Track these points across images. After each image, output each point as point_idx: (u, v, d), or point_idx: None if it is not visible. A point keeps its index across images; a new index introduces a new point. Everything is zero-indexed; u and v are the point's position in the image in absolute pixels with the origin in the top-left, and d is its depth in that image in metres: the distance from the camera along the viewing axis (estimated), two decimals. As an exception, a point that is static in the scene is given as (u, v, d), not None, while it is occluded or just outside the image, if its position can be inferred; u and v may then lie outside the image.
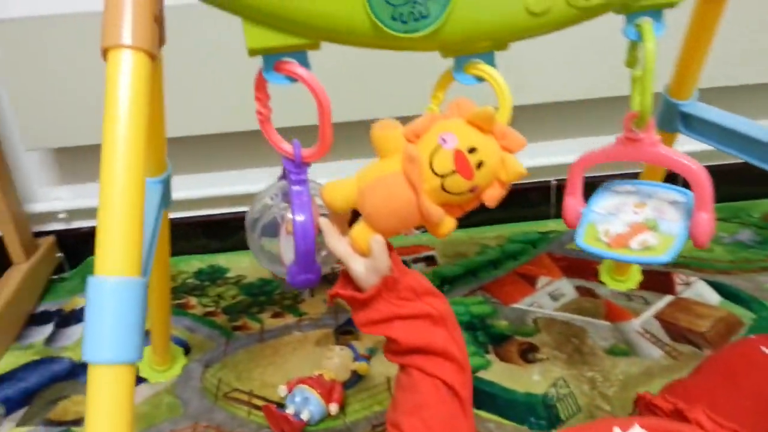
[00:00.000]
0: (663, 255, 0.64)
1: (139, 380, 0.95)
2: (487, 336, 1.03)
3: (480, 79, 0.59)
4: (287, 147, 0.61)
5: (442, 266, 1.23)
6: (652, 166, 0.90)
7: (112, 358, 0.44)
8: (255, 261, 0.71)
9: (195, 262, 1.28)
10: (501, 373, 0.95)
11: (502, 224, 1.36)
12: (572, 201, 0.71)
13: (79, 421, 0.89)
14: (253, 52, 0.53)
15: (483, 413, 0.88)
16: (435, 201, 0.57)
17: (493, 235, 1.32)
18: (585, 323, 1.04)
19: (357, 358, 0.95)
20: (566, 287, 1.14)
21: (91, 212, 0.80)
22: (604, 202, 0.71)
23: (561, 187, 1.33)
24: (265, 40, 0.53)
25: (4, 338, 1.05)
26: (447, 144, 0.55)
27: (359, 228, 0.60)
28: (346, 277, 0.61)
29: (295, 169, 0.61)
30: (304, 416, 0.84)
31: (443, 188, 0.56)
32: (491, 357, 0.98)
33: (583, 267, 1.18)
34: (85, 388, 0.44)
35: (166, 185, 0.76)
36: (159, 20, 0.49)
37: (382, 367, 0.96)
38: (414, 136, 0.57)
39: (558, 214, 1.34)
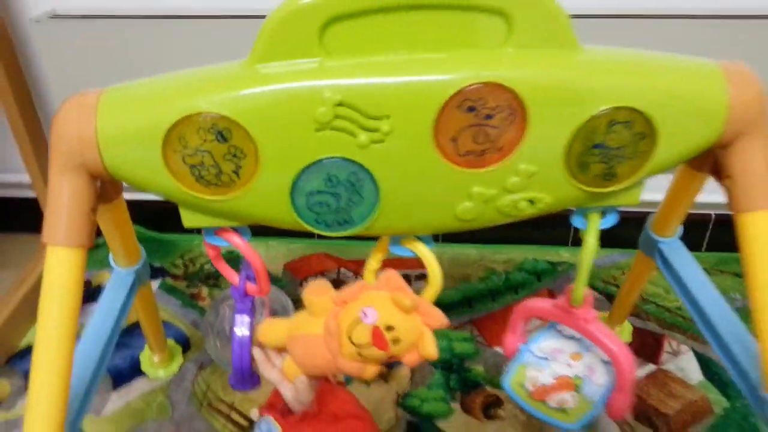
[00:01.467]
0: (573, 422, 0.67)
1: (140, 374, 1.09)
2: (459, 382, 1.09)
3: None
4: (235, 279, 0.67)
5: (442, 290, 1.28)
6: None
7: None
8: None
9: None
10: (457, 426, 1.02)
11: (516, 245, 1.37)
12: (512, 338, 0.74)
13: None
14: (188, 227, 0.58)
15: (430, 465, 0.96)
16: (353, 360, 0.62)
17: (503, 258, 1.34)
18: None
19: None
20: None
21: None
22: (545, 342, 0.74)
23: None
24: (200, 222, 0.57)
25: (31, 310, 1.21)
26: (367, 319, 0.60)
27: (289, 362, 0.66)
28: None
29: (240, 298, 0.68)
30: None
31: (360, 354, 0.61)
32: (455, 405, 1.05)
33: (577, 314, 1.20)
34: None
35: (142, 269, 0.84)
36: (95, 210, 0.55)
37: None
38: (341, 303, 0.62)
39: (574, 242, 1.35)
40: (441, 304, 1.23)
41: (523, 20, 0.50)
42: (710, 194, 1.28)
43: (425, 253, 0.62)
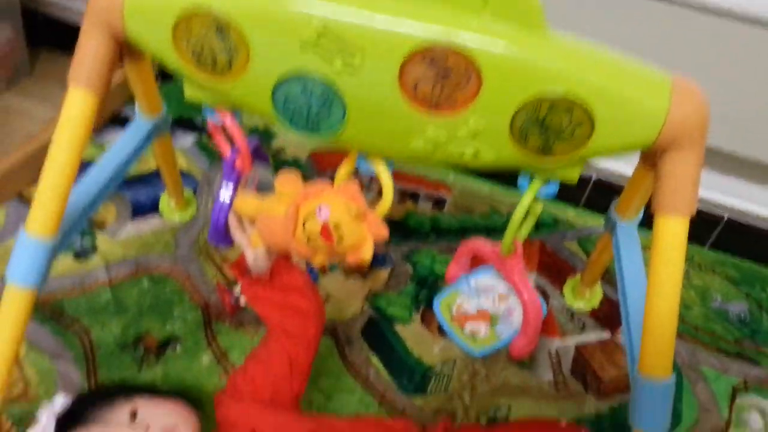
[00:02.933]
0: (477, 349, 0.78)
1: (157, 213, 1.25)
2: (427, 297, 1.20)
3: (377, 171, 0.72)
4: (228, 152, 0.79)
5: (443, 214, 1.37)
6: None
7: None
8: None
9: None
10: (412, 334, 1.14)
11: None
12: (454, 267, 0.84)
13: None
14: (188, 100, 0.69)
15: (374, 358, 1.10)
16: (303, 246, 0.74)
17: (510, 201, 1.41)
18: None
19: (310, 270, 1.18)
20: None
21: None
22: (482, 278, 0.83)
23: (598, 182, 1.37)
24: (199, 97, 0.68)
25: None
26: (321, 214, 0.71)
27: (255, 233, 0.79)
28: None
29: (228, 170, 0.79)
30: (242, 302, 1.10)
31: (309, 241, 0.73)
32: (416, 316, 1.17)
33: (559, 271, 1.28)
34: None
35: (161, 122, 0.95)
36: (114, 64, 0.66)
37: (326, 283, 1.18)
38: (304, 197, 0.73)
39: (585, 206, 1.40)
40: (438, 228, 1.33)
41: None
42: (726, 196, 1.31)
43: (383, 172, 0.71)
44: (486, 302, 0.80)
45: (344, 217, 0.70)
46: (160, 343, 1.06)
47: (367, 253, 0.72)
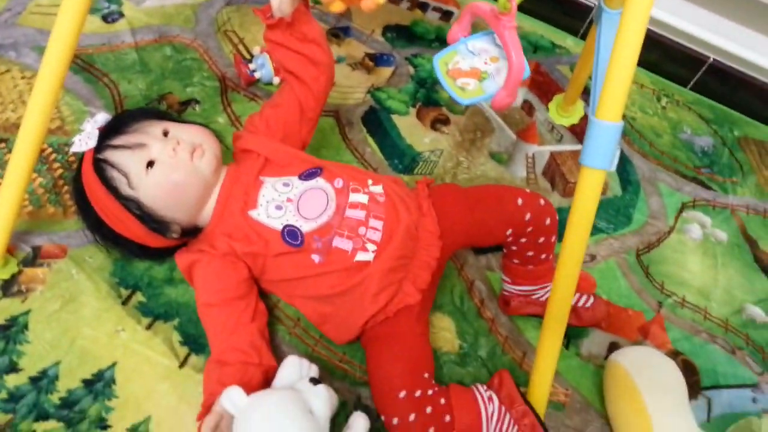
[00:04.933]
0: (462, 98, 0.88)
1: None
2: (425, 97, 1.31)
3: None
4: None
5: (448, 25, 1.45)
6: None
7: None
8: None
9: None
10: (407, 125, 1.26)
11: (530, 17, 1.51)
12: (456, 28, 0.93)
13: None
14: None
15: (371, 139, 1.22)
16: None
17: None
18: (498, 126, 1.31)
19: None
20: (518, 97, 1.37)
21: None
22: (479, 42, 0.92)
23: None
24: None
25: None
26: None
27: None
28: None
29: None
30: (257, 75, 1.21)
31: None
32: (412, 111, 1.29)
33: (548, 89, 1.38)
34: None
35: None
36: None
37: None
38: None
39: (583, 37, 1.48)
40: (442, 38, 1.42)
41: None
42: (714, 35, 1.38)
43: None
44: (478, 62, 0.90)
45: None
46: (181, 102, 1.18)
47: None
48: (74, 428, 0.83)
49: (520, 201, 0.95)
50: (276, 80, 1.22)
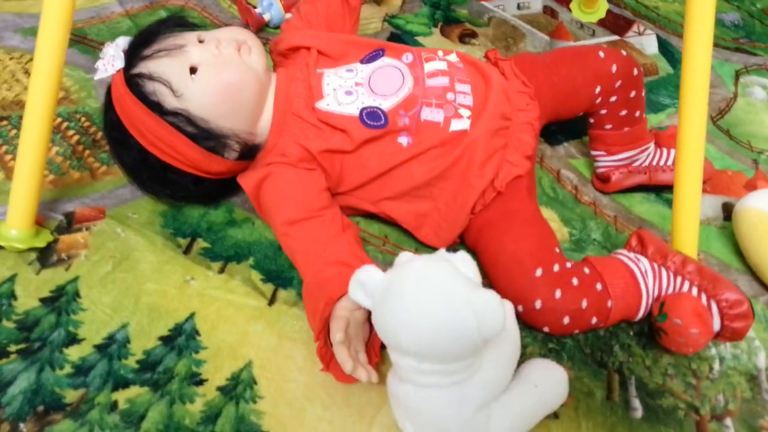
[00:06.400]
0: None
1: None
2: (444, 17, 1.22)
3: None
4: None
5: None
6: None
7: None
8: None
9: None
10: (434, 42, 1.16)
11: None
12: None
13: None
14: None
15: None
16: None
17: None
18: (529, 32, 1.22)
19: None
20: (536, 4, 1.30)
21: None
22: None
23: None
24: None
25: None
26: None
27: None
28: None
29: None
30: (266, 17, 1.10)
31: None
32: (434, 30, 1.19)
33: None
34: None
35: None
36: None
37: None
38: None
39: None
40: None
41: None
42: None
43: None
44: None
45: None
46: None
47: None
48: (163, 390, 0.67)
49: (602, 53, 0.85)
50: (287, 16, 1.11)
